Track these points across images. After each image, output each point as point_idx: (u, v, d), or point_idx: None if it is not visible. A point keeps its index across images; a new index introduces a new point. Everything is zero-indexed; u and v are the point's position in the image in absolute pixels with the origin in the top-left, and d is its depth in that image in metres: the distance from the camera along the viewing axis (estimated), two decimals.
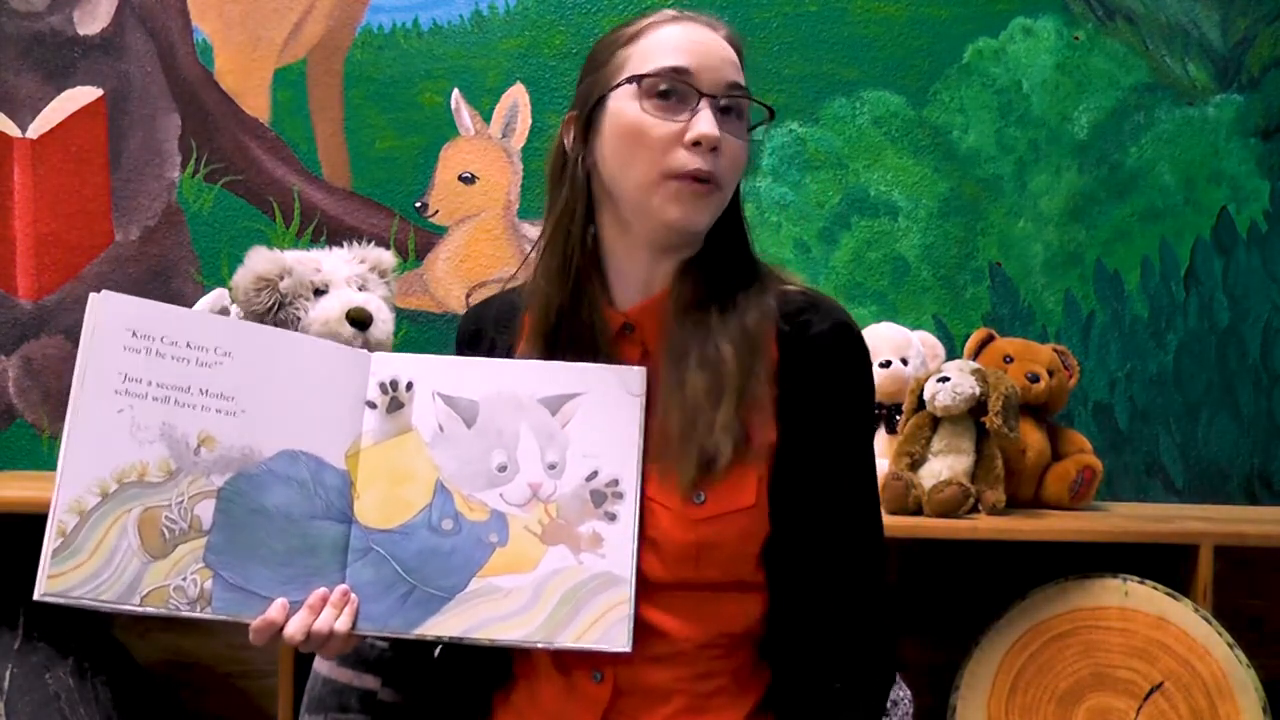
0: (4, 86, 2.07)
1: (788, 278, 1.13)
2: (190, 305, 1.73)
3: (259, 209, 2.07)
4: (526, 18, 2.06)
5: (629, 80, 1.05)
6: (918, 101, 2.06)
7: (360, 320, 1.63)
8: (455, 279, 2.06)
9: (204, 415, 0.98)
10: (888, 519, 1.61)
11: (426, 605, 0.98)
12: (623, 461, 1.03)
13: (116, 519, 0.94)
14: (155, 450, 0.96)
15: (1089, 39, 2.06)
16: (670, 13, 1.09)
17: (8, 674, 1.68)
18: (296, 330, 1.63)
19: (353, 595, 0.98)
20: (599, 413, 1.03)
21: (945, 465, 1.72)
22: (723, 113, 1.05)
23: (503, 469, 1.02)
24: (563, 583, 1.00)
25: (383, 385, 1.04)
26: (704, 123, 1.03)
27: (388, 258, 1.77)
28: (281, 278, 1.64)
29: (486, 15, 2.07)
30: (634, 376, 1.05)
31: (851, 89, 2.06)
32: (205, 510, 0.97)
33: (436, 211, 2.06)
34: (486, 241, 2.06)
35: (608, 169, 1.07)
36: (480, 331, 1.18)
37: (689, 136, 1.03)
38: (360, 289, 1.69)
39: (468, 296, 2.06)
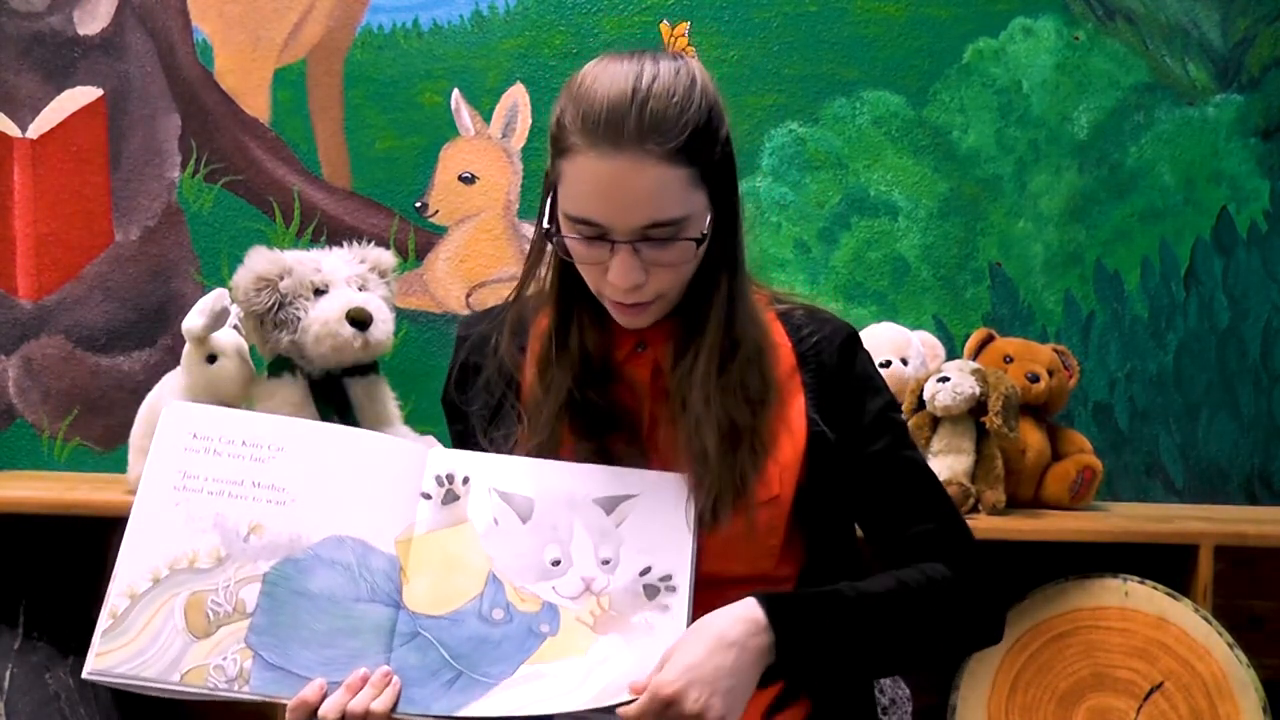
0: (4, 86, 2.06)
1: (774, 292, 1.17)
2: (189, 305, 1.73)
3: (259, 209, 2.07)
4: (526, 18, 2.06)
5: (554, 222, 1.05)
6: (918, 101, 2.06)
7: (360, 320, 1.63)
8: (455, 279, 2.06)
9: (254, 505, 1.02)
10: None
11: (471, 690, 0.98)
12: (677, 558, 1.03)
13: (165, 602, 0.98)
14: (207, 539, 1.00)
15: (1089, 39, 2.06)
16: (584, 126, 1.00)
17: (8, 674, 1.68)
18: (297, 330, 1.64)
19: (395, 678, 0.97)
20: (653, 514, 1.05)
21: (945, 465, 1.72)
22: (650, 240, 1.01)
23: (556, 563, 1.03)
24: (615, 667, 0.99)
25: (439, 478, 1.05)
26: (615, 275, 1.02)
27: (388, 258, 1.77)
28: (281, 278, 1.64)
29: (486, 15, 2.06)
30: (679, 483, 1.06)
31: (851, 89, 2.06)
32: (250, 593, 0.99)
33: (436, 211, 2.06)
34: (486, 241, 2.06)
35: None
36: (485, 340, 1.17)
37: (608, 277, 1.03)
38: (360, 289, 1.69)
39: (468, 296, 2.06)
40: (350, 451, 1.06)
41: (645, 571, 1.03)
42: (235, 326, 1.75)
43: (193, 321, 1.68)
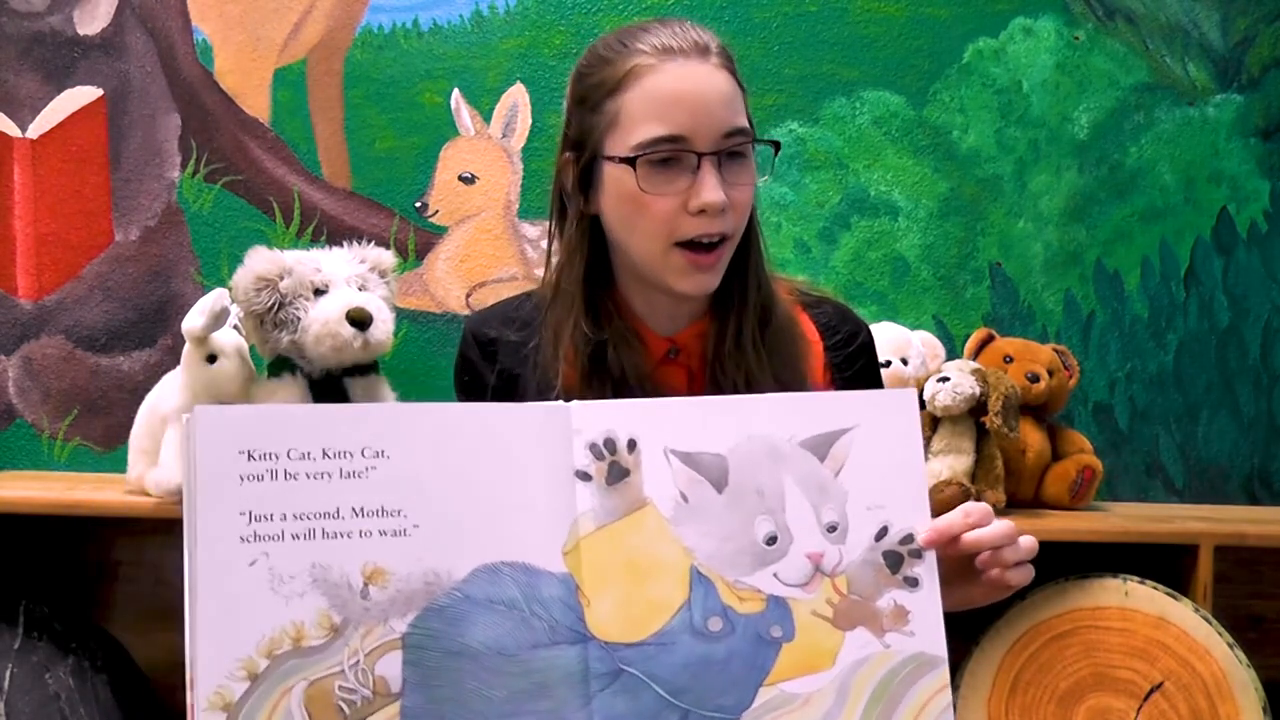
0: (4, 86, 2.06)
1: (794, 283, 1.17)
2: (189, 305, 1.73)
3: (259, 209, 2.07)
4: (526, 18, 2.06)
5: (623, 160, 0.99)
6: (918, 101, 2.06)
7: (360, 320, 1.63)
8: (455, 279, 2.06)
9: (365, 543, 0.77)
10: None
11: None
12: (914, 509, 0.85)
13: (276, 703, 0.74)
14: (310, 603, 0.75)
15: (1089, 39, 2.06)
16: (654, 47, 1.00)
17: (8, 674, 1.68)
18: (297, 330, 1.63)
19: None
20: (875, 451, 0.85)
21: (945, 465, 1.72)
22: (728, 157, 1.00)
23: (772, 541, 0.82)
24: (871, 674, 0.82)
25: (594, 448, 0.81)
26: (707, 190, 0.97)
27: (388, 258, 1.77)
28: (281, 278, 1.64)
29: (486, 15, 2.07)
30: (906, 400, 0.87)
31: (851, 89, 2.06)
32: (390, 667, 0.76)
33: (436, 211, 2.06)
34: (487, 242, 2.06)
35: (613, 229, 1.05)
36: (497, 341, 1.14)
37: (693, 205, 0.98)
38: (360, 289, 1.69)
39: (468, 297, 2.06)
40: (470, 436, 0.80)
41: (881, 534, 0.84)
42: (235, 326, 1.75)
43: (193, 321, 1.68)
